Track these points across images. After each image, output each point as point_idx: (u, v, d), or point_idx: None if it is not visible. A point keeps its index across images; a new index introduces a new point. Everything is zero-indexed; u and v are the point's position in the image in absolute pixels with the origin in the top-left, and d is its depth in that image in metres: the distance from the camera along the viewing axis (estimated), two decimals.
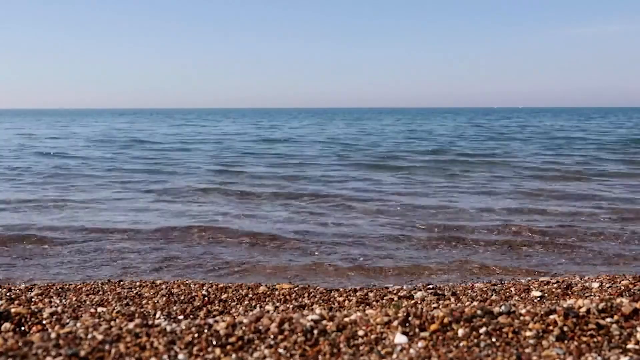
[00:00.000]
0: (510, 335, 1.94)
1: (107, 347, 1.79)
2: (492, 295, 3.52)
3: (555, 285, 3.70)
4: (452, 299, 3.41)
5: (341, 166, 12.58)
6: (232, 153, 16.14)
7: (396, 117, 65.89)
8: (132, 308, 3.16)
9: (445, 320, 2.02)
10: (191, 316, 3.09)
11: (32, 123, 45.89)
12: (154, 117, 66.59)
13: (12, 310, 2.71)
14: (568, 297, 3.40)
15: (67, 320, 2.77)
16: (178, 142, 20.84)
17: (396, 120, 49.86)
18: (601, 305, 2.11)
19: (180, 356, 1.77)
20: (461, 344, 1.88)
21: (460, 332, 1.95)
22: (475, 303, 3.26)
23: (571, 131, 28.34)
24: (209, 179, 10.23)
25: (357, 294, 3.52)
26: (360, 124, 41.04)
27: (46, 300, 3.37)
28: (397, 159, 14.07)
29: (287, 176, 10.59)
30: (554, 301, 3.26)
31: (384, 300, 3.36)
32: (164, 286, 3.72)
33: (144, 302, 3.36)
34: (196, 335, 1.90)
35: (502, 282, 3.97)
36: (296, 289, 3.66)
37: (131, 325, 1.96)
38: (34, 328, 2.62)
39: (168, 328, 1.94)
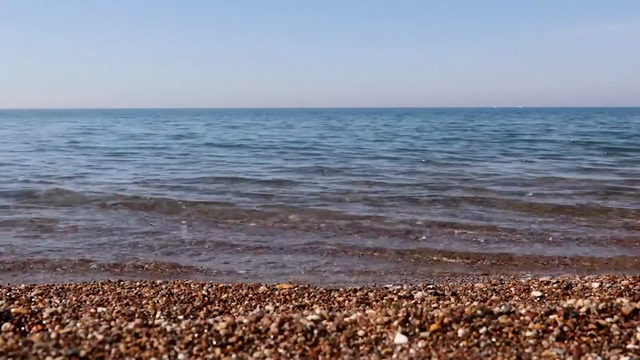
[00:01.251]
0: (510, 335, 1.94)
1: (107, 347, 1.79)
2: (492, 295, 3.52)
3: (555, 285, 3.70)
4: (452, 299, 3.41)
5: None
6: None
7: (382, 117, 66.29)
8: (132, 308, 3.16)
9: (445, 320, 2.02)
10: (191, 316, 3.09)
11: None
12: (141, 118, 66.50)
13: (12, 310, 2.71)
14: (568, 297, 3.40)
15: (67, 320, 2.77)
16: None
17: (373, 121, 50.49)
18: (601, 305, 2.11)
19: (180, 356, 1.77)
20: (461, 344, 1.88)
21: (460, 332, 1.95)
22: (475, 303, 3.26)
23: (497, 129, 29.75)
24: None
25: (357, 294, 3.52)
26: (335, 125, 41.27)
27: (46, 300, 3.37)
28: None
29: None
30: (554, 301, 3.26)
31: (384, 300, 3.36)
32: (164, 286, 3.72)
33: (144, 302, 3.35)
34: (196, 335, 1.90)
35: (502, 282, 3.97)
36: (296, 289, 3.66)
37: (131, 325, 1.96)
38: (34, 328, 2.62)
39: (168, 328, 1.94)
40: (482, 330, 1.96)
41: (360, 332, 1.96)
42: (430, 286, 3.74)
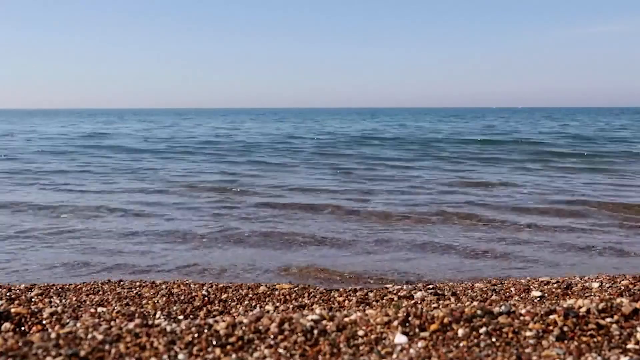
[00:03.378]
0: (510, 335, 1.94)
1: (107, 347, 1.79)
2: (492, 295, 3.52)
3: (555, 285, 3.70)
4: (452, 299, 3.41)
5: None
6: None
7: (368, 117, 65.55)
8: (132, 308, 3.16)
9: (445, 320, 2.02)
10: (191, 316, 3.09)
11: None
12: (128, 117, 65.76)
13: (12, 310, 2.71)
14: (568, 297, 3.40)
15: (67, 320, 2.77)
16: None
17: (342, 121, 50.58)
18: (601, 305, 2.11)
19: (180, 356, 1.77)
20: (461, 344, 1.88)
21: (460, 332, 1.95)
22: (475, 303, 3.26)
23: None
24: None
25: (357, 294, 3.52)
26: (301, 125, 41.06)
27: (46, 300, 3.37)
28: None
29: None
30: (554, 301, 3.26)
31: (384, 300, 3.36)
32: (164, 286, 3.72)
33: (144, 302, 3.35)
34: (196, 335, 1.90)
35: (502, 282, 3.97)
36: (296, 289, 3.66)
37: (131, 325, 1.96)
38: (34, 328, 2.62)
39: (168, 328, 1.94)
40: (482, 330, 1.96)
41: (360, 332, 1.96)
42: (430, 286, 3.74)
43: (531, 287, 3.69)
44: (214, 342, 1.86)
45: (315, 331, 1.95)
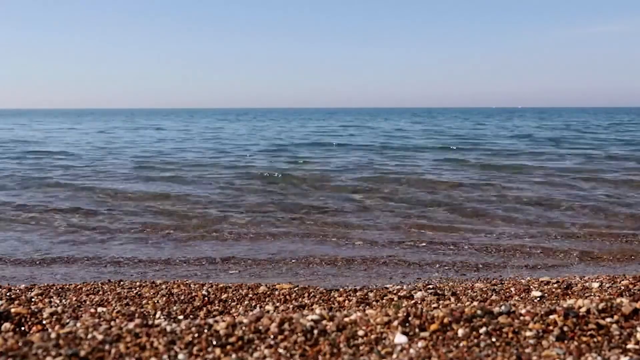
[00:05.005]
0: (510, 335, 1.94)
1: (107, 347, 1.79)
2: (492, 295, 3.52)
3: (555, 285, 3.70)
4: (452, 299, 3.41)
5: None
6: None
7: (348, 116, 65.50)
8: (132, 308, 3.16)
9: (445, 320, 2.02)
10: (191, 316, 3.09)
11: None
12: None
13: (12, 310, 2.71)
14: (568, 297, 3.40)
15: (67, 320, 2.77)
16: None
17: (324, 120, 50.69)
18: (601, 305, 2.11)
19: (180, 356, 1.77)
20: (461, 344, 1.88)
21: (460, 332, 1.95)
22: (475, 303, 3.26)
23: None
24: None
25: (357, 294, 3.52)
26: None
27: (46, 300, 3.37)
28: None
29: None
30: (554, 301, 3.26)
31: (384, 300, 3.36)
32: (164, 286, 3.72)
33: (144, 302, 3.35)
34: (196, 335, 1.90)
35: (502, 282, 3.97)
36: (296, 289, 3.66)
37: (131, 325, 1.96)
38: (34, 328, 2.61)
39: (168, 328, 1.94)
40: (482, 330, 1.96)
41: (360, 332, 1.96)
42: (430, 286, 3.74)
43: (531, 287, 3.69)
44: (214, 342, 1.86)
45: (315, 331, 1.95)
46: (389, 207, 7.52)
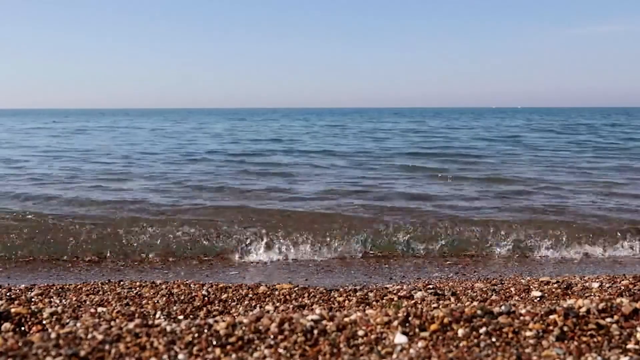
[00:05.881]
0: (510, 335, 1.94)
1: (107, 347, 1.79)
2: (492, 295, 3.52)
3: (555, 285, 3.70)
4: (452, 299, 3.41)
5: None
6: None
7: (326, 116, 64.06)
8: (132, 308, 3.16)
9: (445, 320, 2.02)
10: (191, 316, 3.09)
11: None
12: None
13: (12, 310, 2.71)
14: (568, 297, 3.40)
15: (67, 320, 2.77)
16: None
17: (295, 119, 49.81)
18: (601, 305, 2.11)
19: (180, 356, 1.77)
20: (461, 344, 1.88)
21: (460, 332, 1.95)
22: (475, 303, 3.25)
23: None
24: None
25: (357, 294, 3.51)
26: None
27: (46, 300, 3.37)
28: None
29: None
30: (554, 301, 3.26)
31: (384, 300, 3.36)
32: (164, 286, 3.72)
33: (144, 302, 3.35)
34: (196, 335, 1.90)
35: (502, 282, 3.97)
36: (296, 289, 3.65)
37: (131, 325, 1.96)
38: (34, 328, 2.61)
39: (168, 328, 1.94)
40: (482, 330, 1.96)
41: (360, 332, 1.96)
42: (430, 286, 3.74)
43: (531, 287, 3.69)
44: (214, 342, 1.86)
45: (315, 331, 1.95)
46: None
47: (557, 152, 15.75)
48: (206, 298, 3.42)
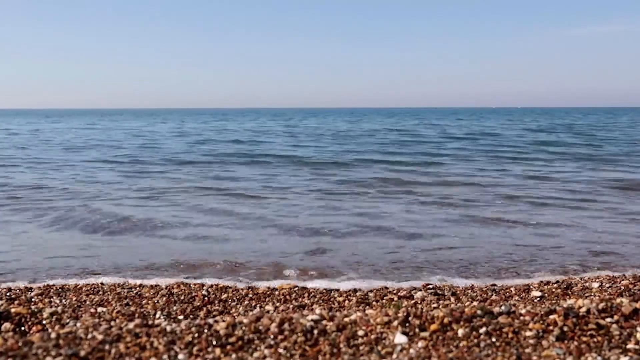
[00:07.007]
0: (510, 335, 1.94)
1: (107, 347, 1.79)
2: (492, 295, 3.52)
3: (555, 285, 3.70)
4: (452, 299, 3.41)
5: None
6: None
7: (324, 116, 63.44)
8: (132, 308, 3.16)
9: (445, 320, 2.02)
10: (191, 316, 3.09)
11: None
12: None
13: (12, 310, 2.71)
14: (568, 297, 3.40)
15: (67, 320, 2.77)
16: None
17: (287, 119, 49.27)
18: (601, 305, 2.11)
19: (180, 356, 1.77)
20: (461, 344, 1.88)
21: (460, 332, 1.95)
22: (475, 303, 3.26)
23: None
24: None
25: (357, 294, 3.52)
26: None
27: (46, 300, 3.37)
28: None
29: None
30: (554, 301, 3.26)
31: (384, 300, 3.36)
32: (164, 286, 3.72)
33: (144, 302, 3.35)
34: (196, 335, 1.90)
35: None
36: (296, 289, 3.66)
37: (131, 325, 1.96)
38: (34, 328, 2.61)
39: (168, 328, 1.94)
40: (482, 330, 1.96)
41: (360, 332, 1.96)
42: (430, 286, 3.74)
43: (531, 287, 3.69)
44: (214, 342, 1.86)
45: (315, 331, 1.95)
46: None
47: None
48: (206, 298, 3.42)
